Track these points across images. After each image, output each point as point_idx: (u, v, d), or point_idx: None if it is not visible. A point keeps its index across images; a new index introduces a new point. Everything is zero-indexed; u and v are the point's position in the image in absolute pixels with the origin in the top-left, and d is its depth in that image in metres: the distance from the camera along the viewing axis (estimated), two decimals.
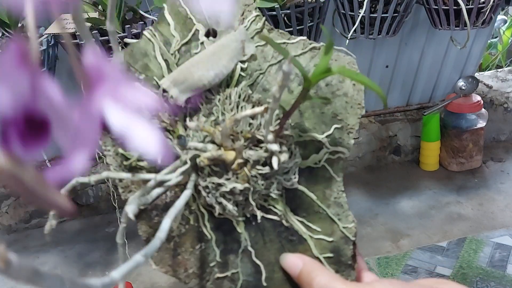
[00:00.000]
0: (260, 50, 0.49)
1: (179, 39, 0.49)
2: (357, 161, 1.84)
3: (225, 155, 0.43)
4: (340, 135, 0.47)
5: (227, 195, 0.44)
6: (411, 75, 1.67)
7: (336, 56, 0.50)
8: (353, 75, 0.40)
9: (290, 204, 0.46)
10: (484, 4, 1.07)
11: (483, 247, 1.35)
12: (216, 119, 0.46)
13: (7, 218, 1.65)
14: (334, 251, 0.46)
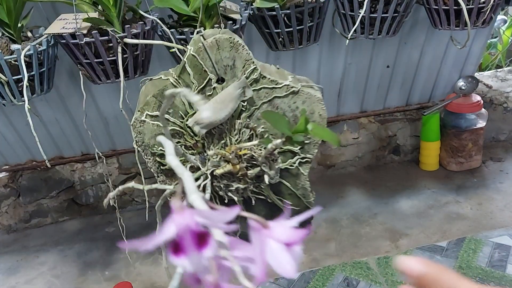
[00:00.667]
0: (256, 92, 0.71)
1: (197, 85, 0.71)
2: (357, 161, 1.84)
3: (234, 169, 0.69)
4: (308, 147, 0.74)
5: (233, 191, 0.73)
6: (411, 75, 1.67)
7: (307, 95, 0.71)
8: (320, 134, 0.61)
9: (273, 189, 0.76)
10: (484, 4, 1.07)
11: (482, 247, 1.35)
12: (225, 141, 0.72)
13: (7, 217, 1.65)
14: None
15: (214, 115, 0.68)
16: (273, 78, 0.71)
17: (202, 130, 0.70)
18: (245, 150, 0.69)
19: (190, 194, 0.31)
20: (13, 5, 0.95)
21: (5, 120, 1.43)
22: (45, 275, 1.43)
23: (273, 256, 0.30)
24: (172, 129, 0.74)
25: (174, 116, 0.74)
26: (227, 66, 0.72)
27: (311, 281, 1.29)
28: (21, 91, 0.98)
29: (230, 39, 0.71)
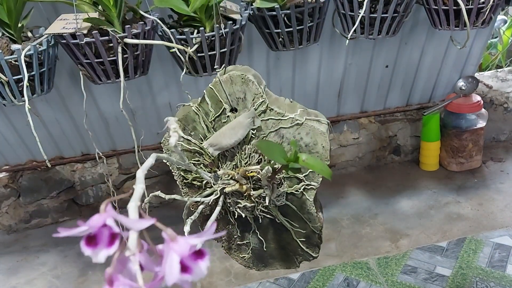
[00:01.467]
0: (264, 123, 0.81)
1: (214, 113, 0.83)
2: (357, 161, 1.84)
3: (240, 188, 0.80)
4: (313, 175, 0.81)
5: (241, 208, 0.83)
6: (411, 75, 1.67)
7: (310, 127, 0.79)
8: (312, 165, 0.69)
9: (281, 211, 0.84)
10: (484, 4, 1.07)
11: (483, 247, 1.35)
12: (236, 163, 0.82)
13: (7, 218, 1.65)
14: (306, 237, 0.86)
15: (225, 139, 0.80)
16: (280, 110, 0.79)
17: (215, 152, 0.81)
18: (253, 173, 0.79)
19: (130, 202, 0.37)
20: (14, 5, 0.96)
21: (6, 120, 1.43)
22: (46, 276, 1.43)
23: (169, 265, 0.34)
24: (193, 149, 0.85)
25: (195, 138, 0.85)
26: (239, 98, 0.82)
27: (311, 281, 1.29)
28: (21, 91, 0.98)
29: (242, 75, 0.81)
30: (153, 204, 1.70)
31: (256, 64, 1.45)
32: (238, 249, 0.92)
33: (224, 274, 1.35)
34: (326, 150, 0.78)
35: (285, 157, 0.69)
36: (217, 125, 0.83)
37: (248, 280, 1.32)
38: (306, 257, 0.89)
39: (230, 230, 0.90)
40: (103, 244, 0.34)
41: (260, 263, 0.92)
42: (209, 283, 1.32)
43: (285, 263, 0.91)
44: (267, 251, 0.90)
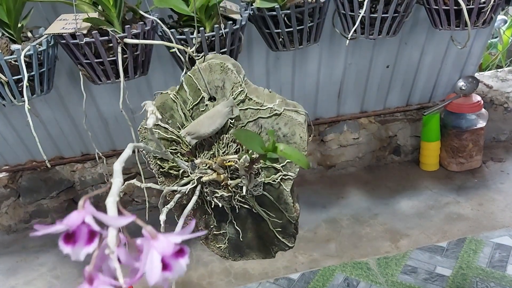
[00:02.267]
0: (242, 112, 0.80)
1: (192, 101, 0.82)
2: (357, 161, 1.83)
3: (218, 178, 0.79)
4: (290, 166, 0.80)
5: (218, 197, 0.82)
6: (411, 75, 1.67)
7: (289, 118, 0.78)
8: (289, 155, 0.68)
9: (258, 201, 0.84)
10: (485, 4, 1.07)
11: (483, 247, 1.35)
12: (214, 152, 0.81)
13: (7, 218, 1.65)
14: (282, 227, 0.86)
15: (203, 127, 0.79)
16: (259, 100, 0.80)
17: (192, 141, 0.81)
18: (231, 163, 0.78)
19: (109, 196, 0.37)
20: (13, 5, 0.95)
21: (5, 120, 1.43)
22: (45, 276, 1.43)
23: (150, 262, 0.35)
24: (170, 138, 0.84)
25: (172, 126, 0.84)
26: (217, 87, 0.82)
27: (311, 281, 1.29)
28: (21, 91, 0.98)
29: (221, 63, 0.81)
30: (153, 204, 1.70)
31: (256, 64, 1.45)
32: (215, 239, 0.92)
33: (224, 274, 1.35)
34: (303, 141, 0.78)
35: (263, 146, 0.69)
36: (195, 114, 0.83)
37: (248, 280, 1.32)
38: (282, 247, 0.89)
39: (206, 220, 0.89)
40: (82, 241, 0.33)
41: (236, 253, 0.92)
42: (209, 283, 1.32)
43: (261, 253, 0.91)
44: (244, 241, 0.90)
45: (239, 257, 0.93)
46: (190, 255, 1.43)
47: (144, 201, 1.69)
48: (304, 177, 1.79)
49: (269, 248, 0.90)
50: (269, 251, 0.91)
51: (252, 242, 0.90)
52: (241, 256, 0.93)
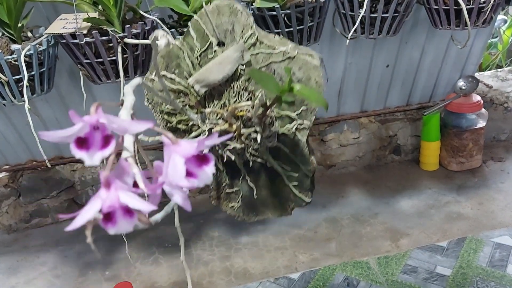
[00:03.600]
0: (254, 57, 0.75)
1: (199, 48, 0.77)
2: (357, 161, 1.84)
3: (230, 128, 0.73)
4: (305, 113, 0.75)
5: (231, 150, 0.76)
6: (411, 75, 1.67)
7: (303, 61, 0.73)
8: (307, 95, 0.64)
9: (272, 154, 0.78)
10: (485, 4, 1.07)
11: (483, 246, 1.35)
12: (224, 102, 0.76)
13: (7, 217, 1.65)
14: (298, 181, 0.80)
15: (212, 74, 0.73)
16: (271, 44, 0.74)
17: (201, 90, 0.75)
18: (243, 112, 0.73)
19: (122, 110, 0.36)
20: (13, 5, 0.95)
21: (5, 120, 1.43)
22: (46, 275, 1.43)
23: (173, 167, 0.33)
24: (178, 89, 0.78)
25: (179, 76, 0.77)
26: (227, 30, 0.75)
27: (312, 281, 1.29)
28: (21, 91, 0.98)
29: (230, 4, 0.75)
30: None
31: None
32: (227, 198, 0.86)
33: (224, 274, 1.35)
34: (319, 86, 0.73)
35: (278, 87, 0.64)
36: (203, 61, 0.77)
37: (249, 279, 1.32)
38: (298, 203, 0.83)
39: (218, 178, 0.84)
40: (96, 147, 0.32)
41: (250, 212, 0.87)
42: (209, 282, 1.32)
43: (277, 211, 0.86)
44: (258, 199, 0.84)
45: (253, 216, 0.87)
46: (190, 254, 1.43)
47: None
48: None
49: (285, 205, 0.84)
50: (284, 208, 0.85)
51: (267, 199, 0.84)
52: (255, 214, 0.87)
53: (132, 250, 1.48)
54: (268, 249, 1.43)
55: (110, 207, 0.30)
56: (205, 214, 1.62)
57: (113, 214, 0.31)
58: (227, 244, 1.47)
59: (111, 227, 0.31)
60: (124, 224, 0.31)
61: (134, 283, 1.31)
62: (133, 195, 0.31)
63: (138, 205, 0.30)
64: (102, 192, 0.31)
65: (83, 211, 0.31)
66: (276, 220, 1.57)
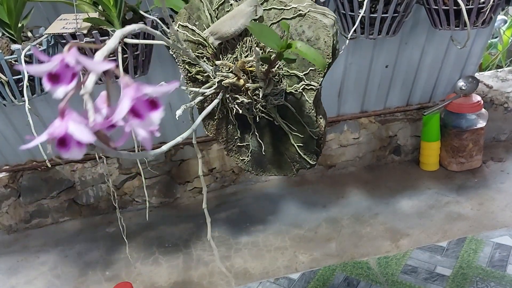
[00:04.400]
0: (266, 12, 0.76)
1: (217, 0, 0.78)
2: (357, 161, 1.84)
3: (238, 82, 0.76)
4: (313, 74, 0.76)
5: (239, 104, 0.79)
6: (411, 75, 1.67)
7: (313, 19, 0.73)
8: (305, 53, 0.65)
9: (280, 113, 0.80)
10: (484, 4, 1.07)
11: (483, 247, 1.35)
12: (236, 56, 0.78)
13: (7, 218, 1.65)
14: (304, 143, 0.82)
15: (225, 27, 0.75)
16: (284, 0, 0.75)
17: (215, 42, 0.78)
18: (252, 67, 0.74)
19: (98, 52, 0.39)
20: (14, 5, 0.96)
21: (6, 120, 1.43)
22: (46, 275, 1.43)
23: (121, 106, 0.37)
24: (197, 40, 0.81)
25: (199, 28, 0.80)
26: None
27: (312, 281, 1.29)
28: (21, 91, 0.98)
29: None
30: (153, 204, 1.70)
31: None
32: (238, 151, 0.90)
33: (224, 274, 1.35)
34: (328, 46, 0.73)
35: (278, 43, 0.65)
36: (220, 14, 0.79)
37: (249, 279, 1.32)
38: (303, 165, 0.85)
39: (231, 131, 0.87)
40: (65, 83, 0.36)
41: (258, 168, 0.90)
42: (209, 282, 1.32)
43: (282, 170, 0.88)
44: (266, 156, 0.87)
45: (261, 172, 0.90)
46: (190, 254, 1.43)
47: (144, 201, 1.70)
48: (305, 176, 1.80)
49: (290, 165, 0.86)
50: (290, 168, 0.87)
51: (274, 157, 0.87)
52: (263, 171, 0.90)
53: (132, 250, 1.48)
54: (268, 249, 1.43)
55: (59, 133, 0.35)
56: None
57: (66, 141, 0.36)
58: (227, 244, 1.47)
59: (64, 152, 0.37)
60: (75, 151, 0.37)
61: (134, 283, 1.31)
62: (82, 127, 0.35)
63: (80, 136, 0.35)
64: (56, 121, 0.36)
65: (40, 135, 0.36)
66: (276, 220, 1.57)
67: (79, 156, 0.37)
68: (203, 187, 0.85)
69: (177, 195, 1.71)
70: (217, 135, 0.90)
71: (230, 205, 1.68)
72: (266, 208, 1.64)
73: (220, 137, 0.90)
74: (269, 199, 1.69)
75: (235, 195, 1.74)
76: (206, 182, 1.74)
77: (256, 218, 1.59)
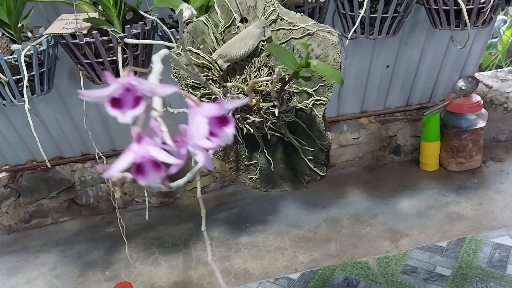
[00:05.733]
0: (275, 33, 0.78)
1: (223, 24, 0.80)
2: (357, 161, 1.84)
3: (250, 102, 0.77)
4: (323, 90, 0.79)
5: (250, 123, 0.80)
6: (411, 75, 1.67)
7: (322, 38, 0.76)
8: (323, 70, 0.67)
9: (290, 129, 0.83)
10: (484, 4, 1.07)
11: (483, 247, 1.35)
12: (245, 77, 0.80)
13: (7, 218, 1.65)
14: (314, 156, 0.85)
15: (235, 49, 0.77)
16: (291, 20, 0.77)
17: (224, 64, 0.79)
18: (263, 87, 0.77)
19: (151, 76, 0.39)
20: (14, 5, 0.95)
21: (5, 120, 1.43)
22: (46, 276, 1.43)
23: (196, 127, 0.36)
24: (202, 63, 0.82)
25: (204, 51, 0.82)
26: (249, 7, 0.79)
27: (311, 281, 1.29)
28: (21, 91, 0.98)
29: None
30: (153, 204, 1.70)
31: None
32: (246, 169, 0.91)
33: (224, 274, 1.35)
34: (337, 62, 0.77)
35: (295, 63, 0.67)
36: (227, 37, 0.81)
37: (248, 279, 1.32)
38: (313, 177, 0.88)
39: (238, 150, 0.89)
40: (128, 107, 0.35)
41: (268, 184, 0.91)
42: (209, 283, 1.32)
43: (293, 184, 0.90)
44: (275, 171, 0.89)
45: (270, 188, 0.92)
46: (190, 254, 1.43)
47: (144, 201, 1.70)
48: None
49: (301, 178, 0.88)
50: (300, 181, 0.89)
51: (283, 172, 0.89)
52: (273, 187, 0.91)
53: (132, 250, 1.48)
54: (268, 249, 1.43)
55: (141, 158, 0.34)
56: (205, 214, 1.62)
57: (143, 167, 0.34)
58: (227, 245, 1.47)
59: (142, 178, 0.35)
60: (153, 176, 0.35)
61: (134, 283, 1.31)
62: (161, 150, 0.34)
63: (166, 158, 0.34)
64: (134, 146, 0.34)
65: (118, 162, 0.34)
66: (276, 220, 1.57)
67: (156, 181, 0.35)
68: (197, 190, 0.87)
69: (177, 195, 1.71)
70: (225, 157, 0.91)
71: (230, 205, 1.68)
72: (265, 208, 1.64)
73: (228, 158, 0.91)
74: (269, 199, 1.69)
75: (235, 195, 1.74)
76: (206, 182, 1.74)
77: (256, 218, 1.59)
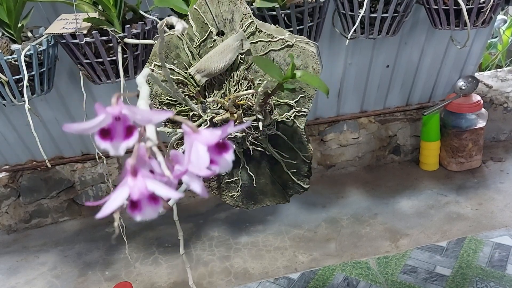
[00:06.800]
0: (253, 45, 0.76)
1: (199, 37, 0.77)
2: (357, 161, 1.84)
3: (231, 117, 0.74)
4: (303, 101, 0.77)
5: (231, 139, 0.76)
6: (411, 75, 1.67)
7: (301, 49, 0.75)
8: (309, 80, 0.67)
9: (271, 142, 0.81)
10: (484, 4, 1.07)
11: (483, 247, 1.35)
12: (224, 91, 0.78)
13: (7, 218, 1.65)
14: (297, 168, 0.83)
15: (213, 63, 0.75)
16: (269, 32, 0.76)
17: (202, 79, 0.76)
18: (243, 101, 0.75)
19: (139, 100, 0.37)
20: (13, 5, 0.95)
21: (5, 120, 1.43)
22: (45, 276, 1.43)
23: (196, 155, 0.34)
24: (177, 79, 0.79)
25: (179, 67, 0.79)
26: (226, 20, 0.77)
27: (311, 281, 1.29)
28: (21, 91, 0.98)
29: None
30: None
31: None
32: (227, 187, 0.89)
33: (224, 274, 1.35)
34: (317, 72, 0.76)
35: (281, 75, 0.67)
36: (203, 51, 0.78)
37: (248, 279, 1.32)
38: (296, 190, 0.86)
39: None
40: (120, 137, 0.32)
41: (249, 201, 0.89)
42: (209, 283, 1.32)
43: (275, 198, 0.88)
44: (257, 187, 0.87)
45: (252, 205, 0.90)
46: (190, 254, 1.44)
47: None
48: None
49: (283, 192, 0.87)
50: (283, 195, 0.87)
51: (265, 187, 0.87)
52: (254, 203, 0.89)
53: (132, 250, 1.48)
54: (267, 249, 1.43)
55: (139, 194, 0.31)
56: (205, 214, 1.62)
57: (139, 202, 0.31)
58: (227, 244, 1.47)
59: (138, 214, 0.32)
60: (149, 211, 0.32)
61: (134, 283, 1.31)
62: (158, 183, 0.31)
63: (166, 193, 0.31)
64: (129, 180, 0.31)
65: (111, 199, 0.31)
66: (276, 220, 1.57)
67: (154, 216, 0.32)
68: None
69: None
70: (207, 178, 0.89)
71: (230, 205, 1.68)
72: (265, 208, 1.64)
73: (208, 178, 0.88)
74: None
75: None
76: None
77: (255, 218, 1.59)
